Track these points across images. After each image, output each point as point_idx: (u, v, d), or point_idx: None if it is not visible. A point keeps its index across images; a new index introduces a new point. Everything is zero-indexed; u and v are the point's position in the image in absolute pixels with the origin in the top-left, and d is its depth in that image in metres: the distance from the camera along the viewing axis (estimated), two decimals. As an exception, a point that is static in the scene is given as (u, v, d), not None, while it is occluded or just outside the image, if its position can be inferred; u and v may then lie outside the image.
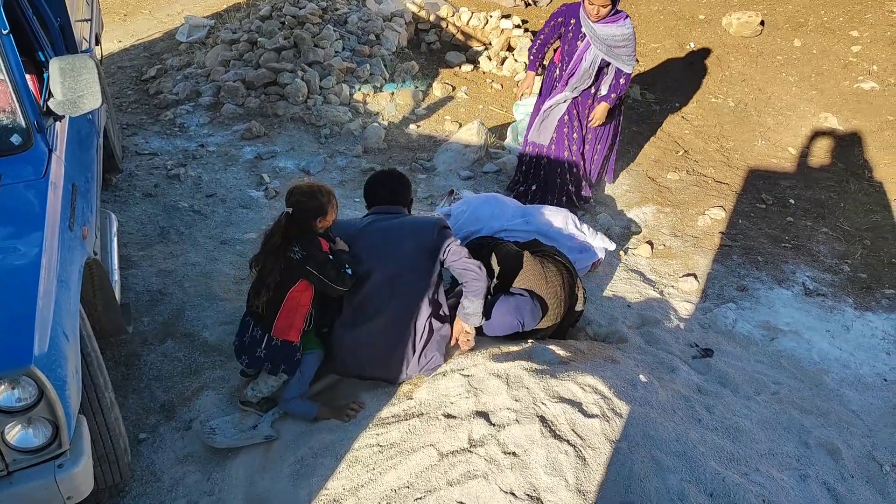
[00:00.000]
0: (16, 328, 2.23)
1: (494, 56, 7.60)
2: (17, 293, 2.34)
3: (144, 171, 5.37)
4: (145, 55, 7.66)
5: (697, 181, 5.74)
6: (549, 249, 3.79)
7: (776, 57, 7.86)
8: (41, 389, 2.19)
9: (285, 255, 3.12)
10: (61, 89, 2.97)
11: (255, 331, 3.19)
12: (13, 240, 2.56)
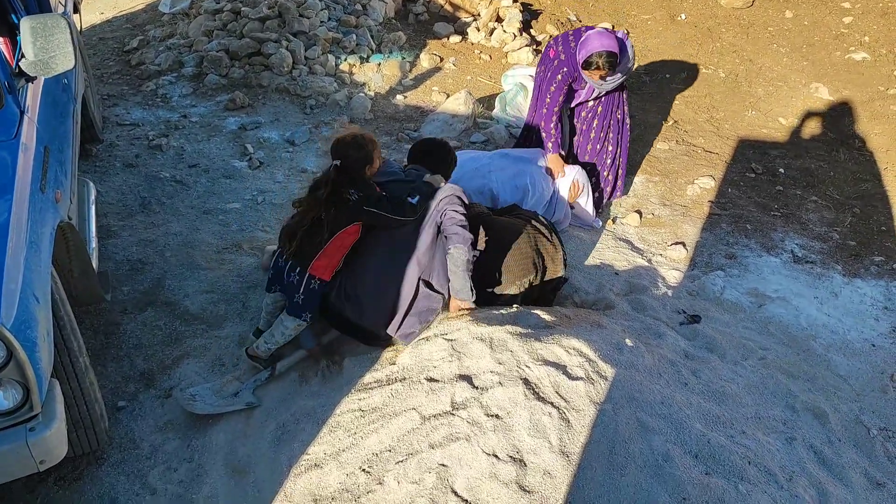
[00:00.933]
0: (-18, 287, 2.17)
1: (483, 27, 7.49)
2: (-17, 253, 2.28)
3: (125, 141, 5.27)
4: (127, 27, 7.53)
5: (687, 151, 5.69)
6: (528, 213, 3.75)
7: (767, 28, 7.79)
8: (10, 350, 2.14)
9: (339, 201, 3.13)
10: (33, 49, 2.89)
11: (293, 276, 3.20)
12: (-19, 201, 2.49)
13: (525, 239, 3.55)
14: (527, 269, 3.54)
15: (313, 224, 3.16)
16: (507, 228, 3.58)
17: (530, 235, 3.57)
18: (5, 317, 2.11)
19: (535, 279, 3.56)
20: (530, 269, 3.57)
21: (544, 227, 3.66)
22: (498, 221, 3.62)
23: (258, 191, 4.84)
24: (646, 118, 6.15)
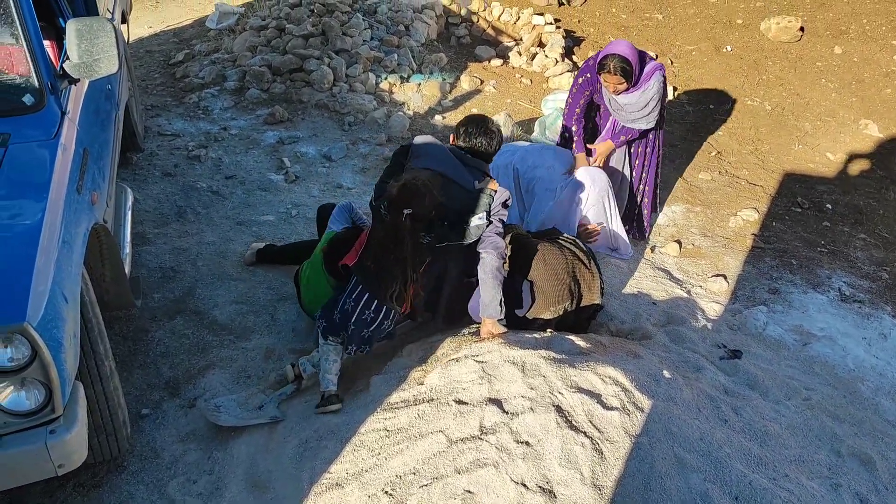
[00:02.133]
0: (11, 285, 2.15)
1: (525, 52, 7.47)
2: (16, 250, 2.26)
3: (165, 151, 5.31)
4: (174, 41, 7.65)
5: (730, 182, 5.55)
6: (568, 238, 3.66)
7: (816, 63, 7.64)
8: (35, 350, 2.10)
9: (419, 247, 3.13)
10: (77, 51, 2.90)
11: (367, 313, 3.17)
12: (18, 198, 2.49)
13: (562, 264, 3.47)
14: (562, 296, 3.45)
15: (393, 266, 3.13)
16: (545, 253, 3.49)
17: (568, 261, 3.48)
18: (31, 315, 2.08)
19: (570, 306, 3.46)
20: (566, 295, 3.48)
21: (583, 253, 3.56)
22: (536, 245, 3.54)
23: (292, 204, 4.82)
24: (688, 148, 6.03)
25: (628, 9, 9.07)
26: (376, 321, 3.18)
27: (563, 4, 9.05)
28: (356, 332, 3.18)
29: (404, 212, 3.05)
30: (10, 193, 2.47)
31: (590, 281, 3.56)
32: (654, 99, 4.22)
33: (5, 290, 2.13)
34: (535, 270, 3.44)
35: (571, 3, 9.09)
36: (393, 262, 3.10)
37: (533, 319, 3.42)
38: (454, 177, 3.22)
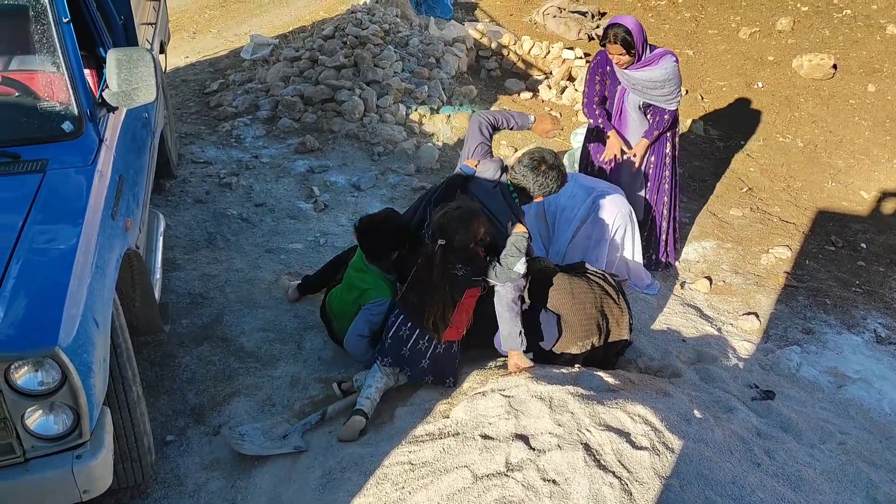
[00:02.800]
0: (44, 309, 2.17)
1: (554, 85, 7.50)
2: (50, 274, 2.28)
3: (198, 178, 5.38)
4: (210, 70, 7.79)
5: (762, 219, 5.48)
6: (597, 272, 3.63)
7: (849, 101, 7.57)
8: (65, 374, 2.11)
9: (449, 276, 3.14)
10: (117, 80, 2.95)
11: (421, 343, 3.20)
12: (54, 222, 2.52)
13: (590, 299, 3.43)
14: (590, 331, 3.41)
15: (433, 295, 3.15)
16: (573, 286, 3.46)
17: (596, 295, 3.45)
18: (63, 339, 2.09)
19: (598, 341, 3.42)
20: (593, 330, 3.44)
21: (612, 287, 3.53)
22: (563, 277, 3.51)
23: (321, 233, 4.84)
24: (719, 184, 5.98)
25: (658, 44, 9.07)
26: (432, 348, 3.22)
27: (593, 39, 9.10)
28: (410, 356, 3.22)
29: (438, 242, 3.06)
30: (47, 218, 2.50)
31: (618, 316, 3.52)
32: (671, 80, 4.19)
33: (38, 314, 2.15)
34: (563, 304, 3.41)
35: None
36: (429, 291, 3.14)
37: (560, 354, 3.38)
38: (495, 213, 3.24)
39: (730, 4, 10.35)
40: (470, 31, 8.09)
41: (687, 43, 9.06)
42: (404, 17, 8.10)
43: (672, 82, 4.21)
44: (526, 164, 3.39)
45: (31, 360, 2.07)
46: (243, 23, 9.60)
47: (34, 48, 3.03)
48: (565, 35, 9.08)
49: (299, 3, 10.55)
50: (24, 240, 2.38)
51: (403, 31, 7.58)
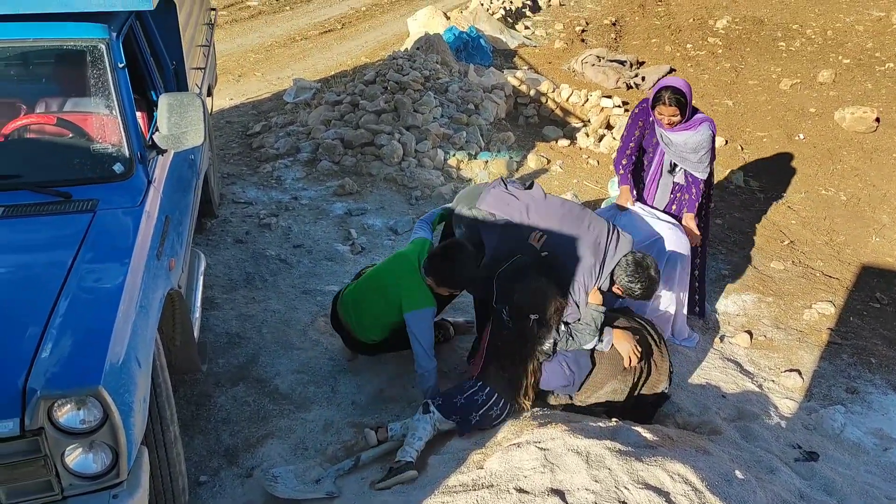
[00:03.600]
0: (89, 348, 2.20)
1: (592, 133, 7.52)
2: (96, 313, 2.32)
3: (238, 218, 5.47)
4: (253, 112, 7.97)
5: (804, 273, 5.39)
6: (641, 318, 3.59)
7: (893, 154, 7.47)
8: (106, 413, 2.13)
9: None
10: (167, 124, 3.03)
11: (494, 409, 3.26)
12: (102, 262, 2.57)
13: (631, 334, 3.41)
14: (628, 368, 3.37)
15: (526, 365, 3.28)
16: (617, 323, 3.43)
17: (641, 336, 3.41)
18: (106, 379, 2.11)
19: (635, 380, 3.37)
20: (632, 368, 3.40)
21: (656, 334, 3.49)
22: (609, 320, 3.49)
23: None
24: (759, 236, 5.90)
25: (697, 94, 9.08)
26: (501, 417, 3.28)
27: (632, 88, 9.15)
28: (477, 422, 3.25)
29: (532, 317, 3.14)
30: (95, 257, 2.56)
31: (659, 361, 3.49)
32: (705, 147, 4.15)
33: (83, 353, 2.18)
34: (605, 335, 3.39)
35: (640, 86, 9.18)
36: (520, 365, 3.24)
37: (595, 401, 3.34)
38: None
39: (770, 56, 10.36)
40: (509, 79, 8.18)
41: (727, 93, 9.06)
42: (444, 64, 8.23)
43: (706, 149, 4.17)
44: (627, 261, 3.42)
45: (74, 398, 2.09)
46: (286, 67, 9.84)
47: (89, 91, 3.12)
48: (603, 83, 9.13)
49: (341, 48, 10.81)
50: (73, 278, 2.43)
51: (443, 78, 7.70)
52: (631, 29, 12.08)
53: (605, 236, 3.45)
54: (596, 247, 3.42)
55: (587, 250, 3.41)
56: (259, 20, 12.35)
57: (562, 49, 10.65)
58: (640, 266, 3.39)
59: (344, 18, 12.66)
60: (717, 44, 10.95)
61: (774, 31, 11.48)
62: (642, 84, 9.21)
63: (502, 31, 10.76)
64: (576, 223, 3.48)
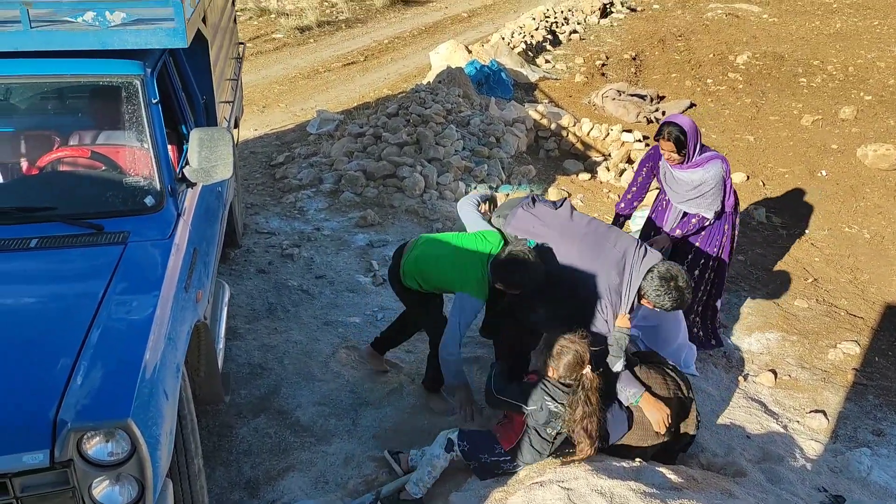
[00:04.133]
0: (119, 380, 2.22)
1: (613, 167, 7.54)
2: (126, 346, 2.35)
3: (261, 248, 5.51)
4: (277, 143, 8.08)
5: (828, 311, 5.33)
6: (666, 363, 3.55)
7: (916, 192, 7.41)
8: (134, 445, 2.15)
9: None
10: (197, 158, 3.09)
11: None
12: (131, 294, 2.61)
13: (666, 394, 3.34)
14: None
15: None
16: (649, 379, 3.38)
17: (671, 391, 3.36)
18: (135, 411, 2.13)
19: (667, 436, 3.32)
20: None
21: (684, 383, 3.44)
22: (642, 370, 3.43)
23: (378, 307, 4.88)
24: (782, 273, 5.86)
25: (718, 128, 9.12)
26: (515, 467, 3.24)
27: (652, 122, 9.17)
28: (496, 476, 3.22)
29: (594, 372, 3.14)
30: (126, 289, 2.60)
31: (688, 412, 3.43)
32: (709, 183, 4.13)
33: (113, 385, 2.20)
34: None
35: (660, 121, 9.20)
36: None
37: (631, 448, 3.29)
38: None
39: (791, 92, 10.37)
40: (530, 112, 8.24)
41: (748, 128, 9.06)
42: (466, 97, 8.32)
43: (709, 184, 4.14)
44: (653, 275, 3.33)
45: (103, 430, 2.11)
46: (310, 98, 9.98)
47: (123, 125, 3.20)
48: (624, 118, 9.17)
49: (364, 80, 10.95)
50: (104, 309, 2.47)
51: (465, 111, 7.78)
52: (651, 63, 12.14)
53: (631, 253, 3.40)
54: (622, 265, 3.37)
55: (612, 269, 3.36)
56: (283, 52, 12.55)
57: (582, 83, 10.72)
58: (665, 279, 3.30)
59: (367, 51, 12.83)
60: (738, 79, 10.98)
61: (795, 66, 11.49)
62: (663, 118, 9.23)
63: (523, 65, 10.85)
64: (600, 242, 3.44)
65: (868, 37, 13.64)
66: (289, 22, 14.22)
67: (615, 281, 3.35)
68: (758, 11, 16.16)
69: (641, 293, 3.37)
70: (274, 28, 14.10)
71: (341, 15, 15.63)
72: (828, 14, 15.74)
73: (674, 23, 15.03)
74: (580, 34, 13.91)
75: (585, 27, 14.51)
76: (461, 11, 17.05)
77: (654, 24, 15.06)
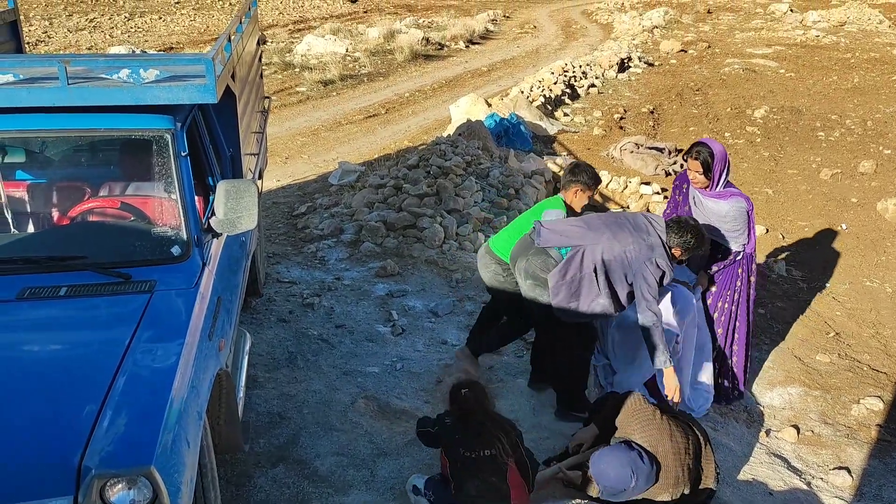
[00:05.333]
0: (143, 428, 2.26)
1: (632, 220, 7.58)
2: (150, 394, 2.39)
3: (282, 297, 5.58)
4: (298, 194, 8.22)
5: (851, 366, 5.28)
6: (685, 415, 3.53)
7: (938, 246, 7.37)
8: (156, 493, 2.17)
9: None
10: (223, 209, 3.17)
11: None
12: (157, 342, 2.66)
13: (686, 446, 3.32)
14: (683, 480, 3.28)
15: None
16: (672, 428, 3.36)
17: (691, 442, 3.33)
18: (158, 459, 2.16)
19: (688, 489, 3.28)
20: (687, 478, 3.31)
21: (703, 434, 3.42)
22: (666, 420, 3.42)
23: (398, 357, 4.90)
24: (804, 327, 5.82)
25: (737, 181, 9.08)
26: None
27: (670, 175, 9.24)
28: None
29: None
30: (152, 337, 2.65)
31: (705, 463, 3.40)
32: (733, 215, 4.23)
33: (137, 433, 2.24)
34: (661, 445, 3.30)
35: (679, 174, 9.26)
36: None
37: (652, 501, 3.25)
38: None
39: (809, 145, 10.42)
40: (549, 164, 8.34)
41: (766, 182, 9.09)
42: (485, 150, 8.45)
43: (735, 221, 4.26)
44: (667, 227, 3.82)
45: (126, 478, 2.14)
46: (332, 150, 10.18)
47: (153, 177, 3.29)
48: (643, 170, 9.25)
49: (385, 132, 11.16)
50: (129, 357, 2.52)
51: (485, 163, 7.89)
52: (669, 117, 12.28)
53: (642, 217, 3.92)
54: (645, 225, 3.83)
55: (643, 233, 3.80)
56: (307, 105, 12.86)
57: (601, 136, 10.85)
58: (676, 222, 3.82)
59: (388, 104, 13.11)
60: (756, 133, 11.06)
61: (813, 121, 11.57)
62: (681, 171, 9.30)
63: (542, 118, 11.02)
64: (619, 221, 3.93)
65: (886, 91, 13.73)
66: (312, 76, 14.59)
67: (649, 240, 3.76)
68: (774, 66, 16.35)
69: (668, 249, 3.78)
70: (298, 81, 14.47)
71: (364, 69, 16.01)
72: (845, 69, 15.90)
73: (691, 77, 15.23)
74: (598, 88, 14.12)
75: (604, 81, 14.74)
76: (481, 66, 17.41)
77: (671, 78, 15.27)
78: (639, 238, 3.76)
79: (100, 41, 19.70)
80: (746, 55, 17.90)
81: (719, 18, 27.72)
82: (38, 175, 3.65)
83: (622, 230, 3.82)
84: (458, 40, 20.67)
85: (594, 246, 3.79)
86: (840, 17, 25.81)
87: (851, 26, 24.39)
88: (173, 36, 21.66)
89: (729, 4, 32.48)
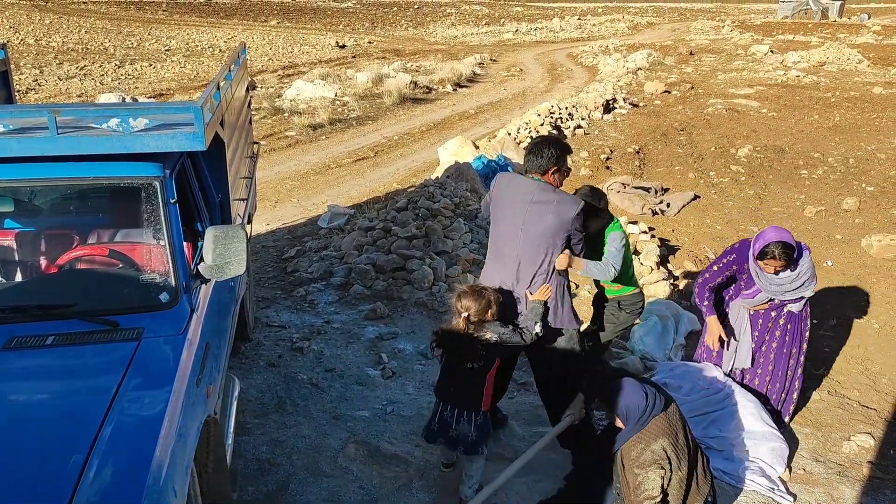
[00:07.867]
0: (129, 477, 2.25)
1: (620, 259, 7.62)
2: (137, 443, 2.38)
3: (271, 341, 5.56)
4: (288, 237, 8.25)
5: (840, 403, 5.28)
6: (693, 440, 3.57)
7: (923, 281, 7.44)
8: (142, 544, 2.14)
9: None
10: (212, 255, 3.19)
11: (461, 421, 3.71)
12: (144, 390, 2.66)
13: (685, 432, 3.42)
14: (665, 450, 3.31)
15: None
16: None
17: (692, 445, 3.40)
18: (145, 507, 2.14)
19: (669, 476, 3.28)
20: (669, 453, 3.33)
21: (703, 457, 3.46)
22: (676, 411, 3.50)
23: (388, 401, 4.87)
24: (792, 363, 5.83)
25: (722, 220, 9.25)
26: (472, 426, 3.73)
27: (657, 214, 9.33)
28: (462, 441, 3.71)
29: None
30: (139, 385, 2.65)
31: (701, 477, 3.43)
32: (807, 273, 4.41)
33: (123, 482, 2.22)
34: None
35: (665, 213, 9.36)
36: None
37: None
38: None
39: (793, 183, 10.57)
40: (536, 206, 8.40)
41: (751, 220, 9.19)
42: (474, 191, 8.52)
43: (806, 274, 4.43)
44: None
45: (111, 528, 2.12)
46: (321, 193, 10.23)
47: (141, 224, 3.31)
48: (629, 210, 9.33)
49: (374, 175, 11.25)
50: (117, 405, 2.51)
51: (473, 205, 7.95)
52: (654, 157, 12.44)
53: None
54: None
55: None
56: (296, 149, 12.96)
57: (587, 176, 10.97)
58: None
59: (376, 147, 13.23)
60: (740, 171, 11.22)
61: (796, 159, 11.75)
62: (668, 210, 9.40)
63: (529, 160, 11.13)
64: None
65: (867, 129, 13.99)
66: (302, 120, 14.74)
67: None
68: (757, 106, 16.66)
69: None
70: (287, 126, 14.61)
71: (353, 113, 16.20)
72: (826, 108, 16.21)
73: (675, 117, 15.48)
74: (584, 129, 14.32)
75: (589, 122, 14.96)
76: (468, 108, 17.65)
77: (656, 118, 15.51)
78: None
79: (90, 88, 19.87)
80: (729, 95, 18.24)
81: (701, 60, 28.30)
82: (26, 224, 3.66)
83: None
84: (445, 83, 20.98)
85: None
86: (820, 57, 26.41)
87: (831, 66, 24.94)
88: (163, 82, 21.87)
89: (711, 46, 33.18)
